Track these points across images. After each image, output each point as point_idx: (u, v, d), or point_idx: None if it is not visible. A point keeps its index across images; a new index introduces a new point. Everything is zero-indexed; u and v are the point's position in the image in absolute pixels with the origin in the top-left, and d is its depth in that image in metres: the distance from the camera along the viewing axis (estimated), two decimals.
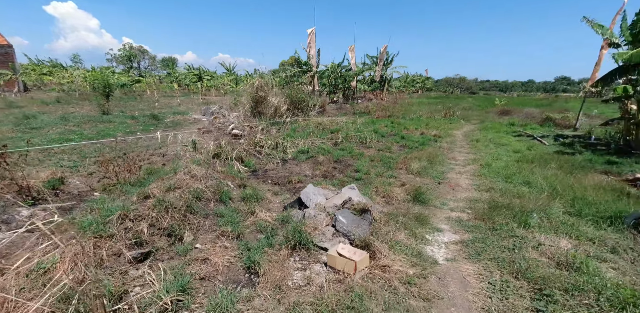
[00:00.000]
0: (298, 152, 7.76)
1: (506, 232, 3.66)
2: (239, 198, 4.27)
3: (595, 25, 9.43)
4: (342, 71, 23.22)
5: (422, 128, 12.17)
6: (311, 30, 19.26)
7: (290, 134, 9.77)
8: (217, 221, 3.54)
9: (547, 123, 14.70)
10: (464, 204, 4.88)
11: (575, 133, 12.15)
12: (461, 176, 6.48)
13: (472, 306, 2.53)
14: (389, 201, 4.95)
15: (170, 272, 2.60)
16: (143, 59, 63.02)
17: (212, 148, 6.89)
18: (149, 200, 3.47)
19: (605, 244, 3.36)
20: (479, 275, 2.93)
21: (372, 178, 6.06)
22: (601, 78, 8.88)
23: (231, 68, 37.85)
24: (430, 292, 2.67)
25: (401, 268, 2.93)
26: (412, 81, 49.09)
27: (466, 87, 70.74)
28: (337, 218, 3.83)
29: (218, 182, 4.30)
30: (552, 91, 71.25)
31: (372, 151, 8.48)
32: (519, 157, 7.75)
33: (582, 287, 2.51)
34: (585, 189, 4.91)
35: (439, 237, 3.81)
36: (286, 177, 5.81)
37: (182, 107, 18.80)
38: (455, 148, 9.46)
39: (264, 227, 3.56)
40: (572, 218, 3.96)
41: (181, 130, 10.30)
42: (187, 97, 27.21)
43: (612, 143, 9.90)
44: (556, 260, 3.02)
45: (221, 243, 3.14)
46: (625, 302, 2.32)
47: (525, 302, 2.50)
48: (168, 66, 39.06)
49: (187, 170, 4.17)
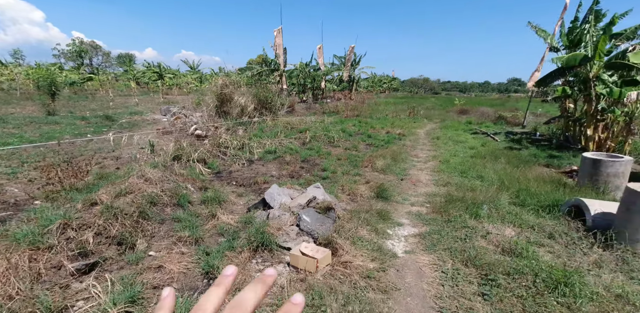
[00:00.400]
0: (265, 152, 7.65)
1: (459, 223, 3.90)
2: (199, 201, 4.11)
3: (539, 30, 10.37)
4: (310, 71, 23.29)
5: (388, 127, 12.57)
6: (278, 30, 19.07)
7: (258, 134, 9.60)
8: (174, 226, 3.38)
9: (500, 121, 15.92)
10: (424, 198, 5.12)
11: (523, 130, 13.27)
12: (422, 172, 6.80)
13: (426, 295, 2.67)
14: (354, 198, 5.05)
15: (119, 283, 2.43)
16: (96, 56, 58.33)
17: (172, 150, 6.57)
18: (96, 207, 3.22)
19: (544, 230, 3.71)
20: (434, 265, 3.10)
21: (338, 176, 6.14)
22: (541, 79, 9.77)
23: (195, 66, 36.31)
24: (388, 284, 2.76)
25: (362, 263, 3.00)
26: (379, 81, 50.51)
27: (430, 88, 74.35)
28: (301, 218, 3.84)
29: (176, 185, 4.11)
30: (505, 91, 77.19)
31: (339, 150, 8.60)
32: (473, 153, 8.31)
33: (522, 271, 2.75)
34: (529, 182, 5.38)
35: (399, 231, 3.96)
36: (252, 178, 5.71)
37: (140, 107, 17.69)
38: (418, 145, 9.90)
39: (225, 230, 3.46)
40: (517, 208, 4.32)
41: (138, 131, 9.68)
42: (147, 96, 25.65)
43: (553, 138, 10.95)
44: (501, 247, 3.28)
45: (178, 249, 3.00)
46: (558, 282, 2.58)
47: (473, 287, 2.69)
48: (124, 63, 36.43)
49: (140, 174, 3.92)
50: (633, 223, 3.20)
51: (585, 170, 5.22)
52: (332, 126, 11.71)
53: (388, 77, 54.31)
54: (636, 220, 3.16)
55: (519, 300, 2.46)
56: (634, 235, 3.17)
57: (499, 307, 2.41)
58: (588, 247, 3.35)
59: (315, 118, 13.84)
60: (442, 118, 17.69)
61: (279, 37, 19.02)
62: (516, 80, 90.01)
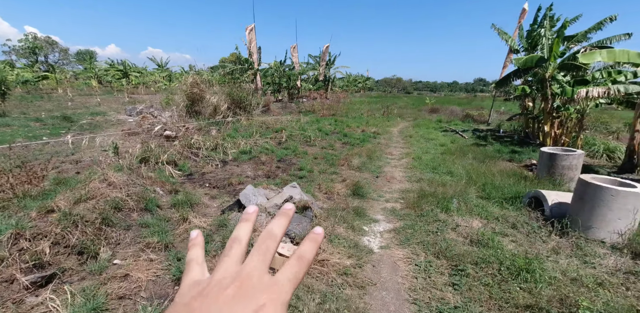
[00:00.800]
0: (240, 152, 7.48)
1: (431, 217, 4.05)
2: (169, 205, 3.93)
3: (501, 33, 11.00)
4: (285, 70, 23.09)
5: (363, 126, 12.78)
6: (251, 27, 18.71)
7: (232, 134, 9.37)
8: (142, 232, 3.20)
9: (467, 119, 16.75)
10: (398, 195, 5.26)
11: (489, 127, 14.06)
12: (396, 169, 6.98)
13: (400, 288, 2.74)
14: (330, 197, 5.08)
15: (80, 295, 2.27)
16: (52, 52, 53.92)
17: (139, 152, 6.23)
18: (53, 215, 2.98)
19: (507, 221, 3.95)
20: (408, 258, 3.19)
21: (315, 175, 6.15)
22: (501, 79, 10.40)
23: (163, 64, 34.73)
24: (364, 280, 2.81)
25: (339, 260, 3.03)
26: (354, 80, 51.18)
27: (402, 87, 76.57)
28: None
29: (143, 189, 3.90)
30: (472, 91, 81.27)
31: (315, 149, 8.62)
32: (444, 150, 8.67)
33: (488, 260, 2.91)
34: (494, 176, 5.71)
35: (375, 227, 4.04)
36: (226, 179, 5.56)
37: (103, 107, 16.63)
38: (392, 143, 10.16)
39: None
40: (483, 201, 4.56)
41: (101, 133, 9.09)
42: (110, 96, 24.14)
43: (515, 135, 11.70)
44: (470, 238, 3.45)
45: (146, 256, 2.85)
46: (520, 269, 2.75)
47: (445, 278, 2.80)
48: (85, 60, 33.99)
49: (103, 178, 3.68)
50: (585, 211, 3.49)
51: (543, 164, 5.63)
52: (308, 125, 11.70)
53: (362, 76, 55.18)
54: (588, 208, 3.46)
55: (486, 288, 2.60)
56: (586, 222, 3.46)
57: (468, 295, 2.54)
58: (546, 235, 3.61)
59: (291, 117, 13.75)
60: (414, 116, 18.28)
61: (252, 34, 18.67)
62: (481, 80, 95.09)
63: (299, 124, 11.82)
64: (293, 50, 22.56)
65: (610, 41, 8.11)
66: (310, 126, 11.70)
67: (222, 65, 18.75)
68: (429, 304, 2.49)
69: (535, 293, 2.44)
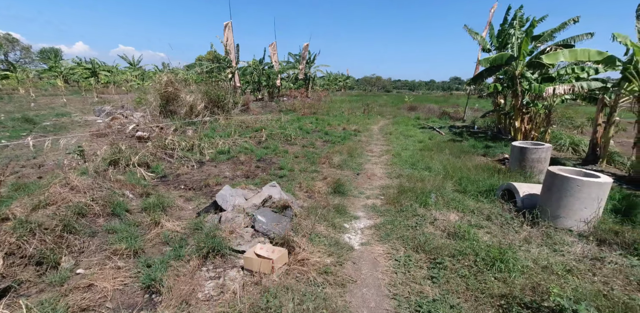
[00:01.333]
0: (217, 153, 7.27)
1: (410, 212, 4.10)
2: (139, 209, 3.73)
3: (472, 33, 11.35)
4: (265, 68, 22.75)
5: (344, 124, 12.82)
6: (227, 24, 18.24)
7: (210, 134, 9.09)
8: (108, 238, 3.01)
9: (444, 116, 17.24)
10: (379, 191, 5.30)
11: (464, 124, 14.53)
12: (377, 166, 7.04)
13: (381, 283, 2.74)
14: (311, 195, 5.03)
15: (37, 308, 2.09)
16: (12, 50, 50.27)
17: (108, 154, 5.90)
18: (8, 223, 2.73)
19: (482, 213, 4.06)
20: (388, 254, 3.20)
21: (296, 174, 6.08)
22: (473, 78, 10.76)
23: (135, 62, 33.24)
24: (345, 278, 2.78)
25: (319, 259, 2.98)
26: (335, 79, 51.35)
27: (382, 86, 77.73)
28: (256, 218, 3.70)
29: (110, 193, 3.67)
30: (448, 89, 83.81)
31: (296, 147, 8.53)
32: (422, 146, 8.85)
33: (464, 252, 2.97)
34: (469, 170, 5.87)
35: (356, 224, 4.04)
36: (202, 180, 5.37)
37: (69, 107, 15.69)
38: (372, 141, 10.25)
39: (171, 238, 3.18)
40: (459, 195, 4.68)
41: (67, 135, 8.54)
42: (78, 96, 22.83)
43: (489, 130, 12.15)
44: (447, 231, 3.52)
45: (113, 264, 2.67)
46: (495, 259, 2.82)
47: (423, 272, 2.83)
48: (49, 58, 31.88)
49: (65, 182, 3.43)
50: (553, 201, 3.65)
51: (514, 157, 5.86)
52: (289, 124, 11.58)
53: (343, 75, 55.46)
54: (556, 198, 3.61)
55: (463, 279, 2.64)
56: (555, 212, 3.62)
57: (445, 287, 2.57)
58: (519, 226, 3.75)
59: (271, 116, 13.55)
60: (394, 114, 18.57)
61: (229, 32, 18.22)
62: (457, 79, 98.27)
63: (280, 123, 11.68)
64: (272, 48, 22.27)
65: (574, 39, 8.58)
66: (291, 124, 11.58)
67: (199, 63, 18.16)
68: (409, 299, 2.50)
69: (509, 282, 2.51)
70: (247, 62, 22.26)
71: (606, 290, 2.33)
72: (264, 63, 22.70)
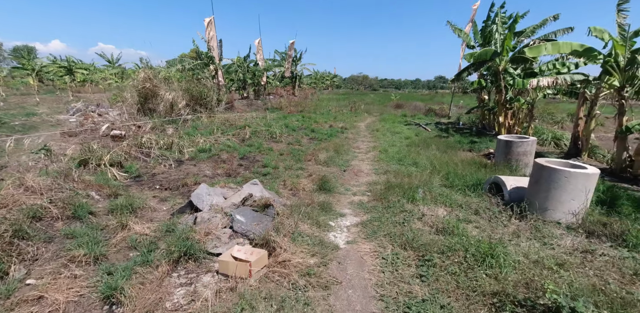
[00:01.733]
0: (198, 151, 6.94)
1: (398, 208, 3.95)
2: (105, 211, 3.42)
3: (455, 29, 11.39)
4: (250, 66, 22.29)
5: (331, 121, 12.66)
6: (209, 20, 17.71)
7: (191, 132, 8.72)
8: (66, 244, 2.70)
9: (430, 113, 17.36)
10: (365, 187, 5.14)
11: (449, 121, 14.64)
12: (363, 162, 6.90)
13: (367, 284, 2.57)
14: (296, 193, 4.82)
15: None
16: None
17: (78, 153, 5.50)
18: None
19: (470, 208, 3.96)
20: (375, 252, 3.03)
21: (280, 171, 5.86)
22: (458, 73, 10.80)
23: (115, 60, 32.00)
24: (329, 279, 2.59)
25: (302, 260, 2.78)
26: (322, 78, 51.17)
27: (369, 85, 78.19)
28: (235, 218, 3.46)
29: (73, 194, 3.34)
30: (433, 88, 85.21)
31: (282, 145, 8.30)
32: (409, 142, 8.78)
33: (454, 248, 2.83)
34: (456, 165, 5.80)
35: (342, 222, 3.86)
36: (180, 180, 5.06)
37: (42, 107, 14.85)
38: (359, 137, 10.13)
39: (139, 242, 2.90)
40: (447, 190, 4.57)
41: (34, 134, 7.98)
42: (52, 95, 21.72)
43: (473, 126, 12.25)
44: (435, 227, 3.38)
45: (69, 272, 2.38)
46: (485, 254, 2.70)
47: (412, 270, 2.67)
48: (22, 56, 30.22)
49: (19, 182, 3.08)
50: (541, 194, 3.57)
51: (500, 151, 5.83)
52: (274, 122, 11.30)
53: (330, 74, 55.36)
54: (544, 190, 3.54)
55: (453, 277, 2.50)
56: (542, 204, 3.54)
57: (435, 286, 2.42)
58: (507, 219, 3.66)
59: (256, 114, 13.23)
60: (380, 112, 18.56)
61: (212, 28, 17.70)
62: (441, 77, 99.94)
63: (265, 121, 11.39)
64: (257, 45, 21.83)
65: (555, 34, 8.71)
66: (276, 122, 11.31)
67: (180, 60, 17.55)
68: (397, 299, 2.33)
69: (501, 278, 2.39)
70: (232, 60, 21.74)
71: (602, 284, 2.23)
72: (249, 60, 22.23)
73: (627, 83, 5.82)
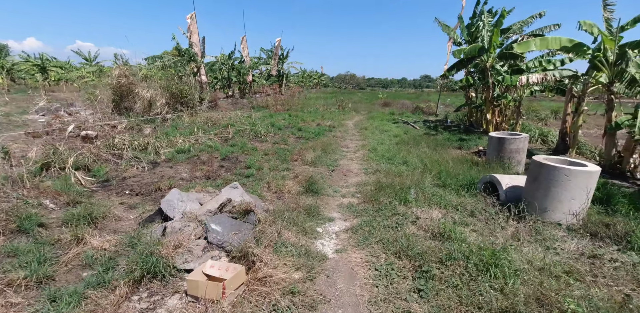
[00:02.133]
0: (176, 152, 6.48)
1: (390, 211, 3.68)
2: (59, 222, 2.98)
3: (443, 26, 11.27)
4: (235, 63, 21.65)
5: (319, 120, 12.34)
6: (191, 16, 17.04)
7: (170, 132, 8.22)
8: (4, 265, 2.28)
9: (417, 111, 17.31)
10: (355, 189, 4.85)
11: (437, 118, 14.58)
12: (352, 162, 6.61)
13: (359, 301, 2.27)
14: (281, 196, 4.49)
15: None
16: None
17: (40, 156, 4.97)
18: None
19: (466, 209, 3.73)
20: (366, 262, 2.74)
21: (264, 173, 5.50)
22: (447, 69, 10.70)
23: (92, 58, 30.58)
24: (316, 297, 2.28)
25: (284, 275, 2.45)
26: (309, 76, 50.71)
27: (356, 84, 78.33)
28: (210, 227, 3.09)
29: (21, 203, 2.89)
30: (419, 87, 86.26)
31: (267, 144, 7.92)
32: (398, 140, 8.56)
33: (453, 256, 2.57)
34: (447, 163, 5.60)
35: (330, 227, 3.55)
36: (153, 184, 4.62)
37: (10, 106, 13.87)
38: (348, 136, 9.85)
39: (95, 259, 2.50)
40: (440, 190, 4.34)
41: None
42: (24, 94, 20.45)
43: (461, 124, 12.20)
44: (431, 231, 3.12)
45: (4, 300, 1.97)
46: (488, 264, 2.44)
47: (408, 283, 2.39)
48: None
49: None
50: (540, 193, 3.37)
51: (492, 148, 5.66)
52: (260, 121, 10.89)
53: (317, 73, 54.95)
54: (543, 189, 3.34)
55: (455, 290, 2.23)
56: (542, 205, 3.34)
57: (436, 303, 2.14)
58: (504, 221, 3.45)
59: (241, 113, 12.74)
60: (368, 110, 18.37)
61: (194, 24, 17.03)
62: (427, 77, 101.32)
63: (250, 120, 10.95)
64: (242, 42, 21.23)
65: (542, 30, 8.68)
66: (262, 121, 10.89)
67: (160, 56, 16.78)
68: None
69: (508, 291, 2.13)
70: (216, 57, 21.04)
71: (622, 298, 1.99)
72: (233, 58, 21.59)
73: (616, 78, 5.77)
